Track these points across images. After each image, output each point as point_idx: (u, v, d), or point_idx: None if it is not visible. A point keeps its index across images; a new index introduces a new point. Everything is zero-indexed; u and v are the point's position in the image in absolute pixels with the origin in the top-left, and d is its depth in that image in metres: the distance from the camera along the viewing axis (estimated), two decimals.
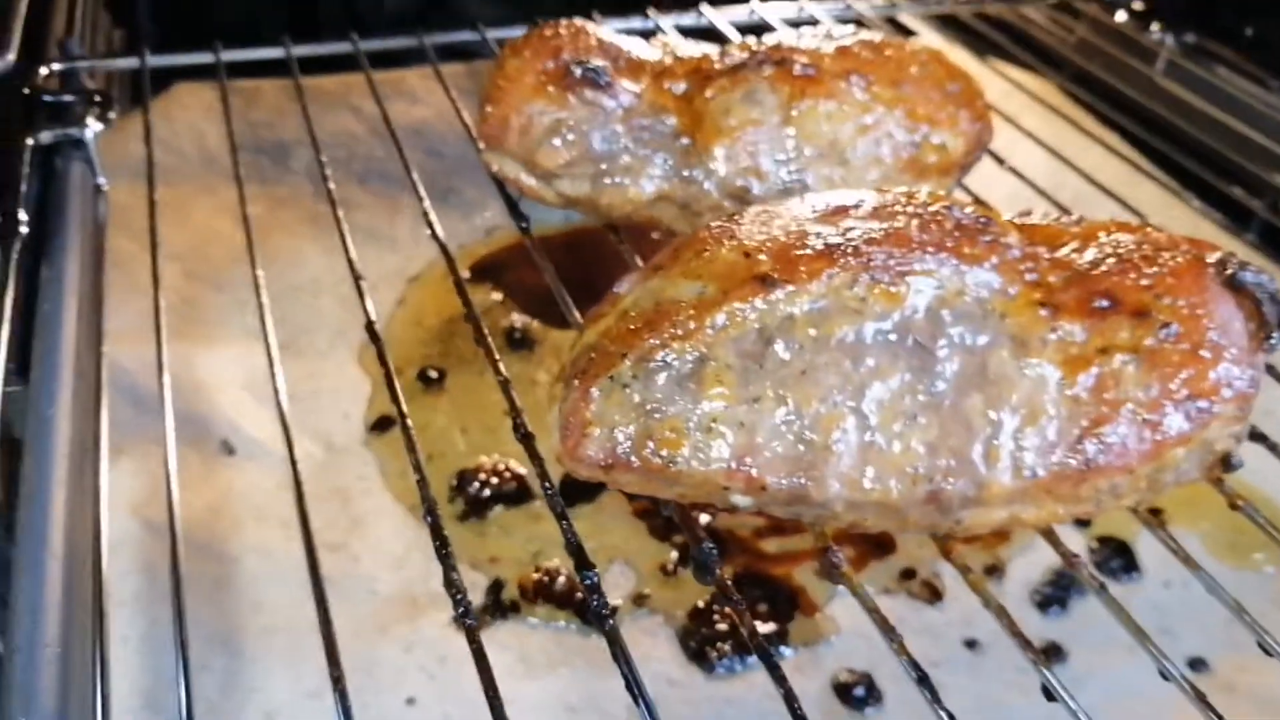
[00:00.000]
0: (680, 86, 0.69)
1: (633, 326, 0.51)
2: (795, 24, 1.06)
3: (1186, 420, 0.50)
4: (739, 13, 1.07)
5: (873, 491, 0.48)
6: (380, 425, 0.86)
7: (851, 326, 0.49)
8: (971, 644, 0.73)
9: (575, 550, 0.50)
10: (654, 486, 0.49)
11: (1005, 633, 0.52)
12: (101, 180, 0.84)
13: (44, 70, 0.86)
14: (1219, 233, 0.96)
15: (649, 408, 0.48)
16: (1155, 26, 1.10)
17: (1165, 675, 0.49)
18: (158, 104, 1.12)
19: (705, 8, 1.05)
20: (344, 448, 0.84)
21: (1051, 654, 0.73)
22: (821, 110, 0.67)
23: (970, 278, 0.51)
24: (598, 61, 0.67)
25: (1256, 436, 0.62)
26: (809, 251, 0.51)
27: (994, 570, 0.78)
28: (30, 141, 0.78)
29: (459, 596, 0.49)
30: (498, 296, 1.01)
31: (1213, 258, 0.55)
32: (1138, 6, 1.12)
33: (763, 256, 0.51)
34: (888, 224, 0.53)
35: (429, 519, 0.52)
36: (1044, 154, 1.01)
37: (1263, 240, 0.99)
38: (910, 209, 0.54)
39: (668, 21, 1.03)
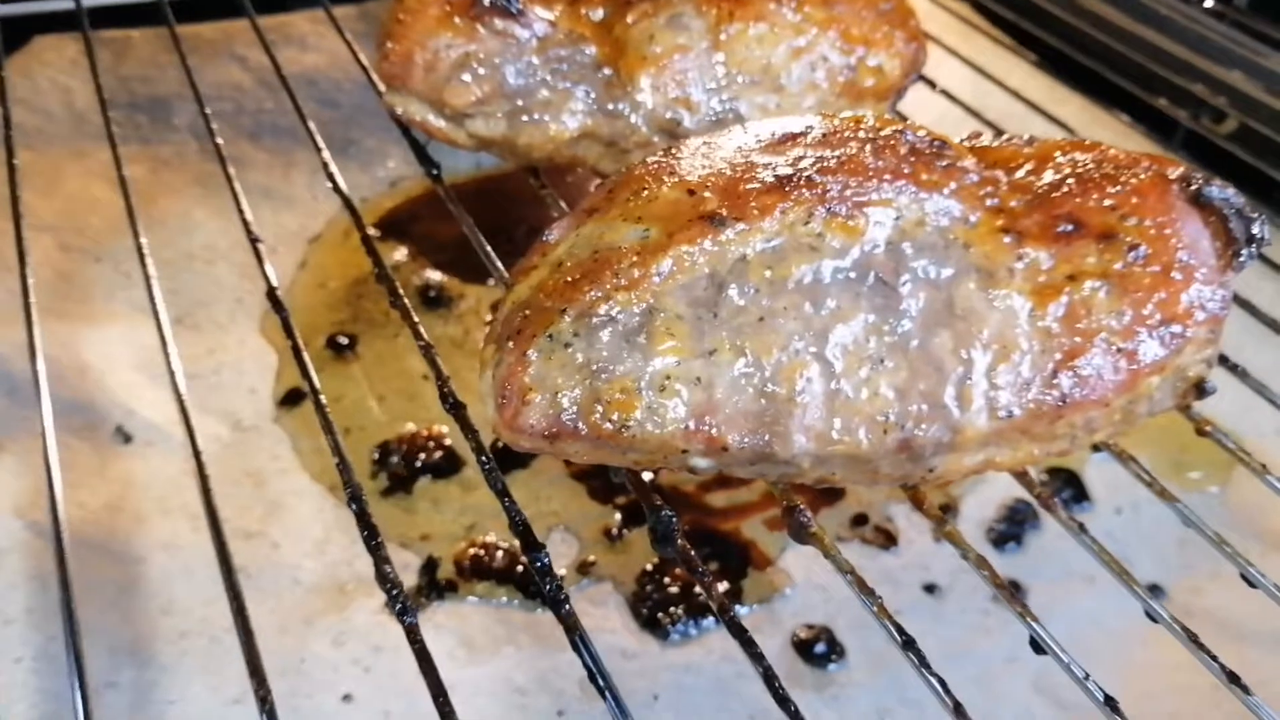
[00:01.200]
0: (599, 12, 0.63)
1: (570, 278, 0.45)
2: None
3: (1161, 346, 0.47)
4: None
5: (841, 443, 0.44)
6: (291, 399, 0.80)
7: (809, 265, 0.45)
8: (931, 588, 0.71)
9: (522, 531, 0.45)
10: (605, 454, 0.45)
11: (972, 574, 0.49)
12: None
13: None
14: (1147, 144, 0.94)
15: (595, 368, 0.43)
16: None
17: (1153, 617, 0.46)
18: (16, 60, 1.02)
19: None
20: (253, 426, 0.78)
21: (1013, 591, 0.71)
22: (752, 33, 0.62)
23: (930, 205, 0.47)
24: None
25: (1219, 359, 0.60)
26: (759, 185, 0.46)
27: (947, 509, 0.75)
28: None
29: (395, 592, 0.43)
30: (408, 252, 0.94)
31: (1175, 173, 0.52)
32: None
33: (708, 193, 0.46)
34: (840, 151, 0.48)
35: (354, 506, 0.47)
36: (968, 74, 0.98)
37: (1189, 152, 0.98)
38: (861, 134, 0.50)
39: None
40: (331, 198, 0.99)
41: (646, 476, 0.73)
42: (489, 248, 0.60)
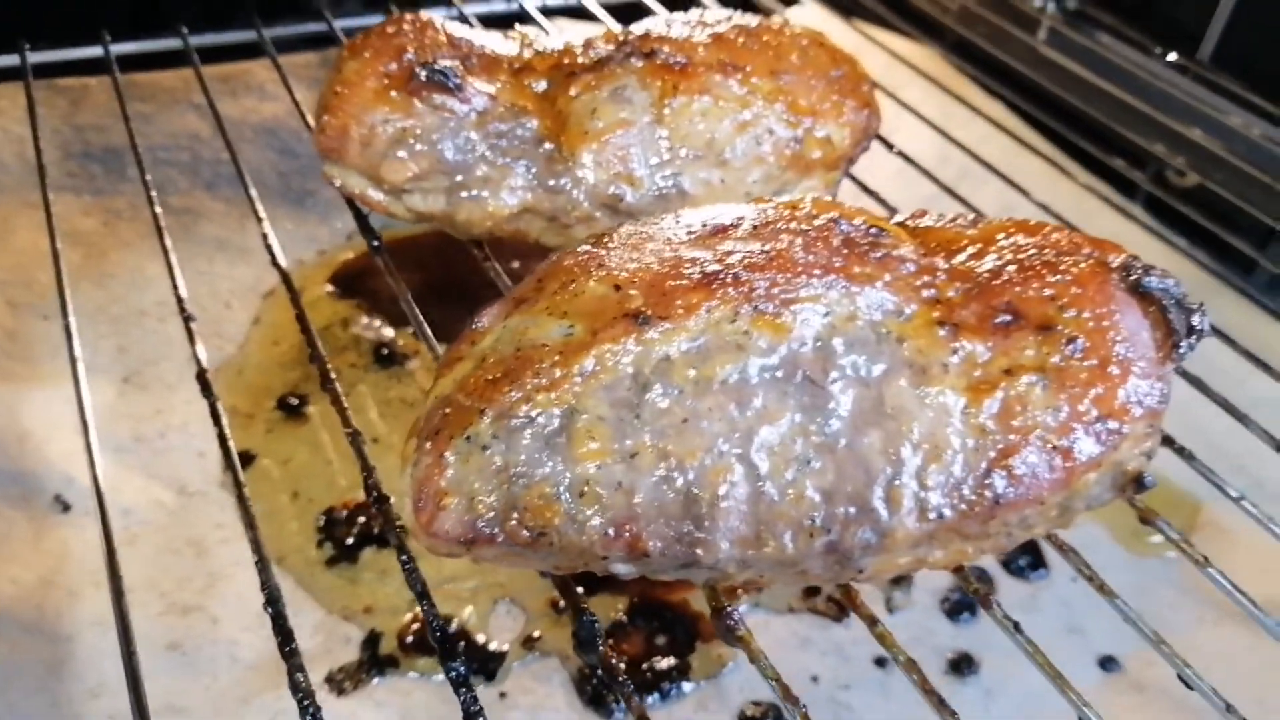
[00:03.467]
0: (541, 85, 0.63)
1: (491, 376, 0.45)
2: (669, 3, 1.01)
3: (1097, 443, 0.46)
4: None
5: (766, 548, 0.43)
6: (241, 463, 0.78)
7: (735, 365, 0.44)
8: (881, 662, 0.70)
9: (440, 639, 0.44)
10: (524, 560, 0.44)
11: (915, 649, 0.48)
12: None
13: None
14: (1103, 208, 0.94)
15: (513, 472, 0.42)
16: None
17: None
18: None
19: None
20: (199, 491, 0.77)
21: (963, 665, 0.70)
22: (696, 107, 0.62)
23: (862, 300, 0.47)
24: (446, 61, 0.60)
25: (1163, 440, 0.59)
26: (685, 282, 0.46)
27: (900, 580, 0.74)
28: None
29: (305, 703, 0.42)
30: (363, 308, 0.93)
31: (1116, 261, 0.51)
32: None
33: (634, 290, 0.45)
34: (770, 245, 0.48)
35: (269, 610, 0.46)
36: (928, 129, 0.98)
37: (1149, 210, 0.97)
38: (794, 225, 0.49)
39: (532, 2, 0.96)
40: (289, 251, 0.98)
41: None
42: (424, 323, 0.59)
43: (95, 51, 0.84)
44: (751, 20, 0.69)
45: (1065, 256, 0.51)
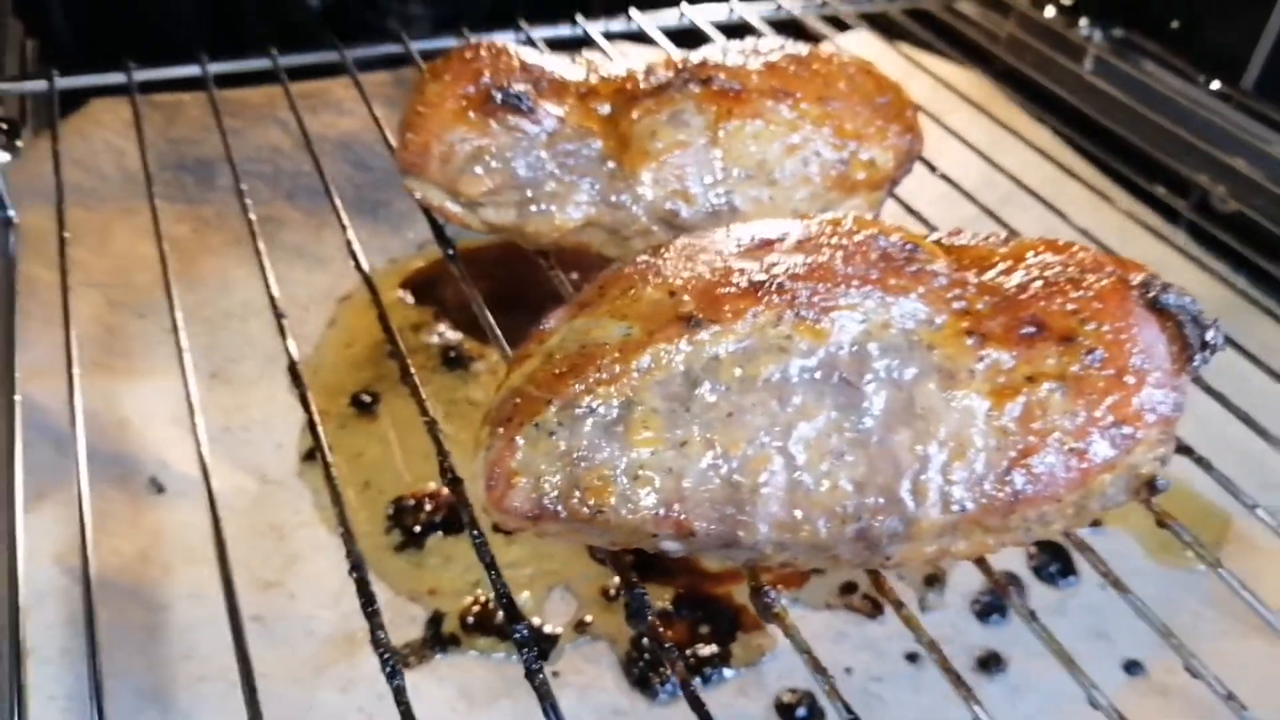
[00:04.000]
0: (605, 108, 0.68)
1: (558, 371, 0.50)
2: (725, 28, 1.06)
3: (1112, 447, 0.50)
4: (668, 16, 1.06)
5: (801, 532, 0.48)
6: (314, 455, 0.84)
7: (777, 365, 0.49)
8: (913, 657, 0.73)
9: (505, 605, 0.49)
10: (583, 535, 0.48)
11: (946, 646, 0.52)
12: (10, 212, 0.81)
13: None
14: (1144, 235, 0.97)
15: (575, 456, 0.47)
16: (1084, 21, 1.10)
17: (1094, 704, 0.49)
18: (73, 121, 1.09)
19: (634, 13, 1.04)
20: (278, 480, 0.83)
21: (991, 663, 0.73)
22: (748, 130, 0.66)
23: (896, 309, 0.51)
24: (520, 86, 0.66)
25: (1182, 450, 0.62)
26: (733, 290, 0.50)
27: (934, 581, 0.78)
28: None
29: (386, 656, 0.47)
30: (433, 313, 0.99)
31: (1137, 279, 0.55)
32: (1066, 1, 1.13)
33: (687, 296, 0.50)
34: (812, 257, 0.52)
35: (354, 574, 0.51)
36: (973, 154, 1.02)
37: (1192, 238, 1.00)
38: (835, 240, 0.54)
39: (596, 28, 1.02)
40: (364, 257, 1.04)
41: None
42: (494, 325, 0.65)
43: (193, 70, 0.90)
44: (803, 49, 0.74)
45: (1089, 274, 0.55)
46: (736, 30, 1.10)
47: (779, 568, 0.50)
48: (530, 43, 0.99)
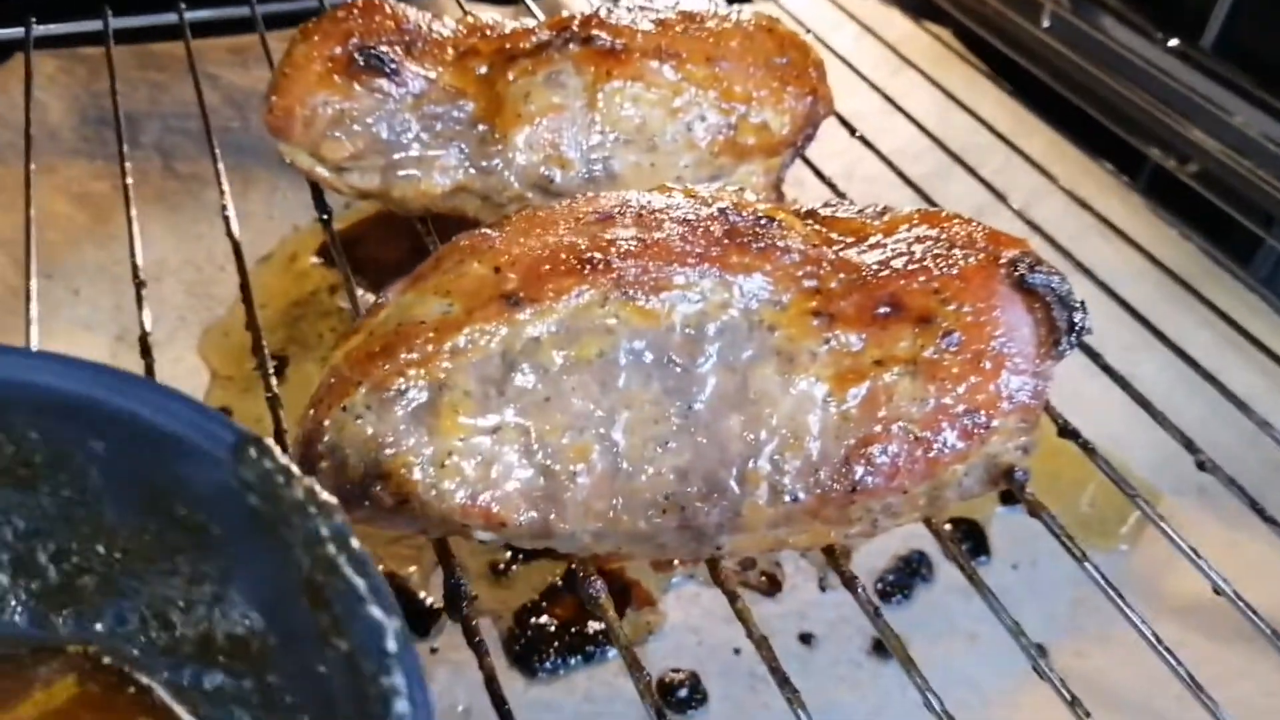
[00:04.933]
0: (483, 68, 0.65)
1: (371, 350, 0.47)
2: None
3: (963, 437, 0.47)
4: None
5: (620, 523, 0.45)
6: None
7: (600, 348, 0.46)
8: (806, 638, 0.71)
9: None
10: (393, 524, 0.46)
11: (843, 628, 0.50)
12: None
13: None
14: (1101, 190, 0.93)
15: (381, 441, 0.45)
16: None
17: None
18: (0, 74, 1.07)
19: None
20: None
21: (887, 646, 0.71)
22: (628, 93, 0.63)
23: (736, 288, 0.48)
24: (387, 46, 0.63)
25: (1068, 433, 0.59)
26: (559, 267, 0.48)
27: (836, 557, 0.76)
28: None
29: None
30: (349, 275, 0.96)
31: (1008, 256, 0.52)
32: None
33: (511, 274, 0.48)
34: (650, 233, 0.49)
35: None
36: (936, 102, 0.98)
37: (1153, 191, 0.97)
38: (679, 213, 0.51)
39: None
40: (285, 218, 1.02)
41: None
42: (355, 286, 0.62)
43: (96, 26, 0.88)
44: (700, 5, 0.70)
45: (957, 250, 0.52)
46: None
47: (605, 557, 0.48)
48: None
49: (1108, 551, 0.78)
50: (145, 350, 0.61)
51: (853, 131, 0.82)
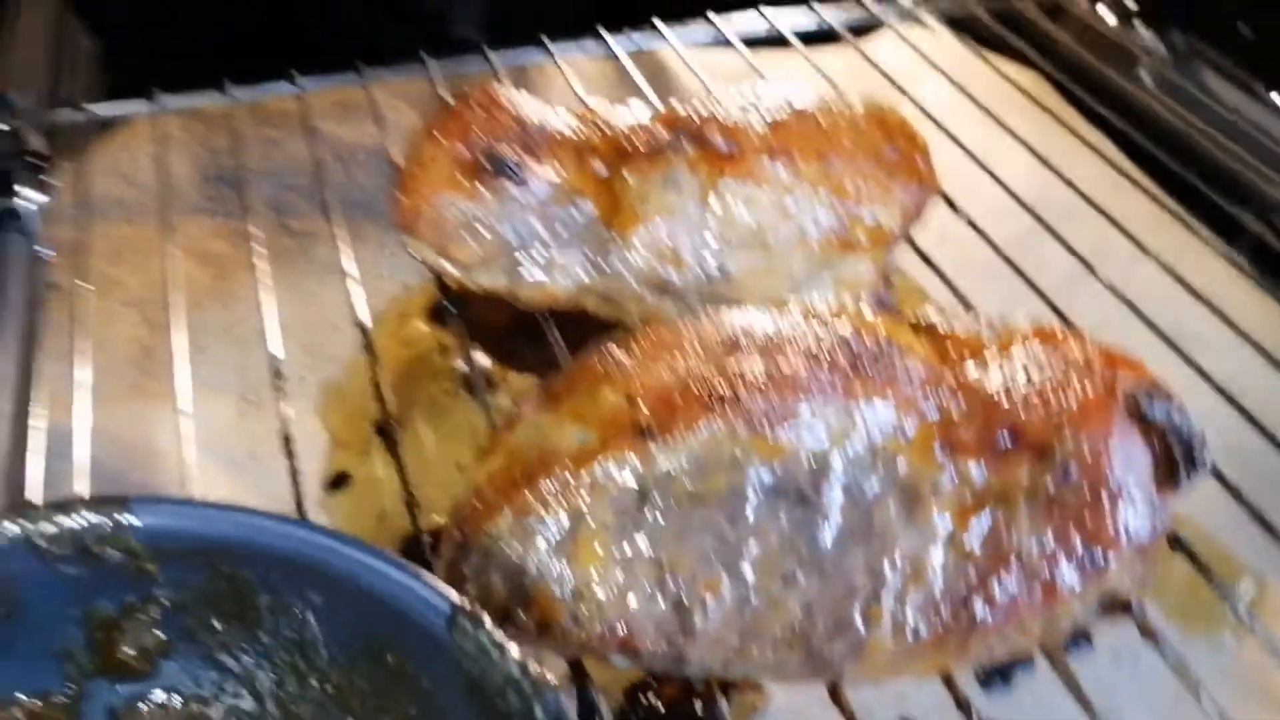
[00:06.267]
0: (601, 167, 0.67)
1: (514, 475, 0.50)
2: (806, 36, 1.04)
3: (1081, 574, 0.48)
4: (749, 21, 1.04)
5: (748, 654, 0.47)
6: (336, 483, 0.87)
7: (729, 481, 0.48)
8: None
9: None
10: (534, 644, 0.49)
11: (941, 713, 0.51)
12: (45, 252, 0.84)
13: None
14: (1205, 251, 0.92)
15: (524, 568, 0.47)
16: (1142, 28, 1.04)
17: None
18: (118, 136, 1.12)
19: (713, 16, 1.03)
20: (303, 512, 0.85)
21: None
22: (742, 194, 0.65)
23: (860, 419, 0.50)
24: (511, 149, 0.65)
25: (1178, 546, 0.60)
26: (690, 398, 0.50)
27: None
28: None
29: None
30: (463, 335, 1.00)
31: (1128, 385, 0.53)
32: (1131, 6, 1.07)
33: (642, 405, 0.50)
34: (775, 363, 0.51)
35: None
36: (1028, 160, 0.97)
37: (1254, 259, 0.95)
38: (803, 339, 0.52)
39: (674, 33, 1.01)
40: (394, 276, 1.06)
41: None
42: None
43: (218, 99, 0.92)
44: (811, 98, 0.72)
45: (1075, 376, 0.53)
46: (819, 35, 1.07)
47: (731, 680, 0.50)
48: (610, 53, 0.99)
49: (1215, 640, 0.78)
50: (289, 452, 0.64)
51: (954, 208, 0.83)
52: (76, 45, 1.33)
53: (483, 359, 0.98)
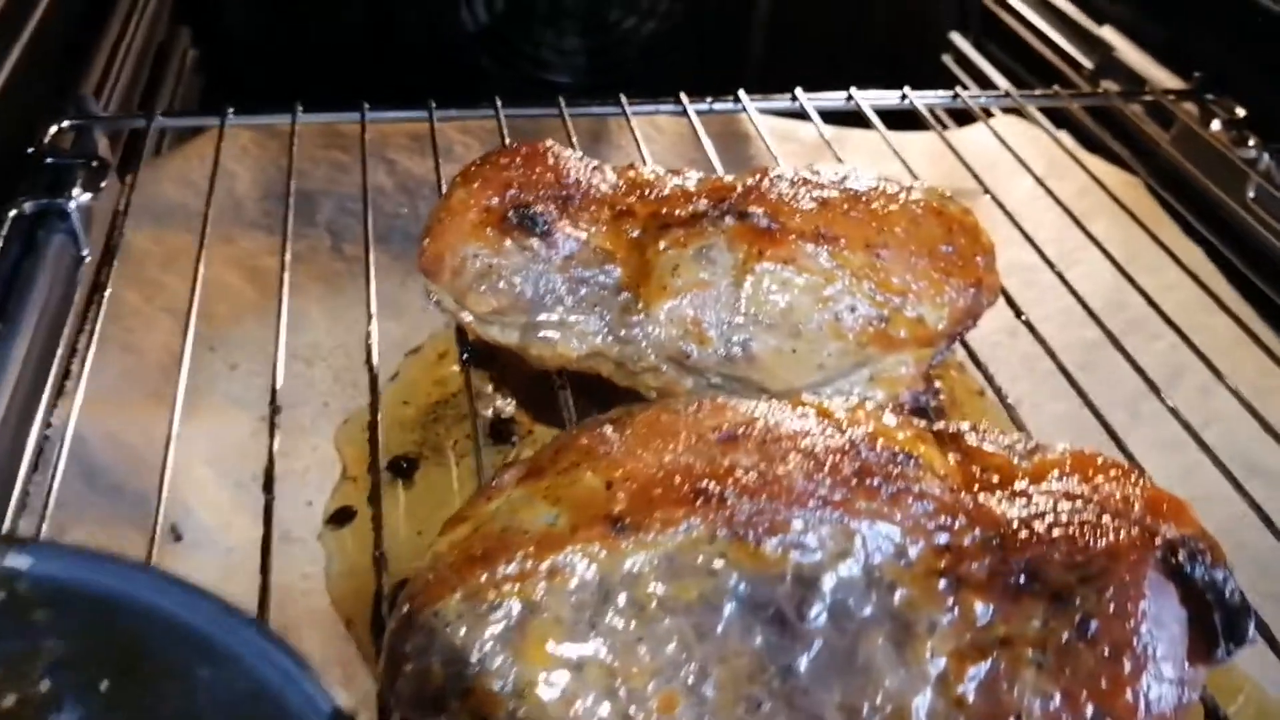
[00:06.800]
0: (636, 231, 0.64)
1: (474, 553, 0.46)
2: (887, 114, 1.01)
3: None
4: (834, 99, 1.02)
5: None
6: (339, 518, 0.84)
7: (702, 590, 0.44)
8: None
9: None
10: None
11: None
12: (85, 252, 0.84)
13: (53, 128, 0.87)
14: None
15: (467, 656, 0.44)
16: (1252, 141, 0.97)
17: None
18: (195, 143, 1.13)
19: (800, 93, 1.00)
20: (299, 539, 0.82)
21: None
22: (778, 276, 0.61)
23: (858, 538, 0.45)
24: (540, 205, 0.62)
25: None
26: (672, 493, 0.45)
27: None
28: (13, 211, 0.78)
29: None
30: (492, 380, 0.97)
31: (1169, 535, 0.47)
32: (1238, 112, 1.00)
33: (621, 493, 0.46)
34: (772, 464, 0.47)
35: None
36: (1111, 266, 0.92)
37: None
38: (809, 441, 0.48)
39: (757, 105, 0.98)
40: (435, 314, 1.04)
41: None
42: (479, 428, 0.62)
43: (284, 119, 0.92)
44: (875, 180, 0.68)
45: (1110, 516, 0.47)
46: (904, 117, 1.04)
47: None
48: (685, 115, 0.97)
49: None
50: (268, 485, 0.62)
51: (1019, 314, 0.77)
52: (181, 55, 1.36)
53: (509, 408, 0.95)
